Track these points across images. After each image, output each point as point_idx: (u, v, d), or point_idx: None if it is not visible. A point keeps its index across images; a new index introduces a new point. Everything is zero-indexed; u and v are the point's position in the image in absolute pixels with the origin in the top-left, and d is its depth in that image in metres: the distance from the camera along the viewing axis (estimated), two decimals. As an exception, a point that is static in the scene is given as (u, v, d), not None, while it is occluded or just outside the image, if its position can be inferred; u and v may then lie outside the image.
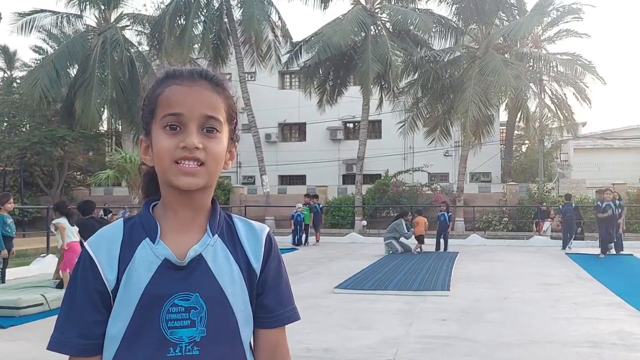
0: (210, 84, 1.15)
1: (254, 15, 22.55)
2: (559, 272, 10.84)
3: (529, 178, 29.02)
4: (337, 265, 12.21)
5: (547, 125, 25.38)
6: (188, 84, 1.13)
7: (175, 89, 1.12)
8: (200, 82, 1.14)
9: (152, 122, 1.14)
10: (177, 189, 1.12)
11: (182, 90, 1.12)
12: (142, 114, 1.18)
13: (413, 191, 24.11)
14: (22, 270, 10.96)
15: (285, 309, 1.22)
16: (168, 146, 1.10)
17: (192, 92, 1.12)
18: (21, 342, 5.62)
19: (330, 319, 6.67)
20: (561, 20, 26.91)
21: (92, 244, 1.14)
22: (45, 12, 25.20)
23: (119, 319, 1.10)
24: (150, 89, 1.17)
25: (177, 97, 1.12)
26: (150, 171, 1.21)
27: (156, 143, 1.12)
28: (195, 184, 1.10)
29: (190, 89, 1.12)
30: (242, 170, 31.65)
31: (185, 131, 1.10)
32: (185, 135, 1.10)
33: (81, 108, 22.70)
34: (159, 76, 1.17)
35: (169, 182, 1.11)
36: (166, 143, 1.10)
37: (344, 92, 25.28)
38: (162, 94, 1.13)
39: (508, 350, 5.26)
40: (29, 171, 25.75)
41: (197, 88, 1.13)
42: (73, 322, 1.10)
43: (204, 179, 1.11)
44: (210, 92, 1.14)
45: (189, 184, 1.10)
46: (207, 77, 1.15)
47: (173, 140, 1.10)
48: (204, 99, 1.12)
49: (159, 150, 1.11)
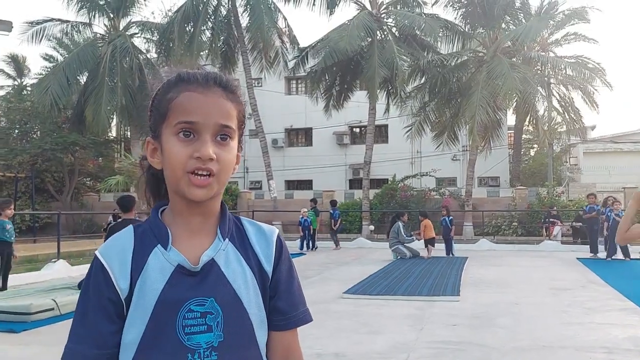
0: (224, 91, 1.14)
1: (262, 22, 22.66)
2: (571, 276, 10.77)
3: (538, 182, 28.87)
4: (345, 270, 12.19)
5: (556, 129, 25.27)
6: (203, 90, 1.11)
7: (190, 96, 1.11)
8: (214, 89, 1.13)
9: (162, 126, 1.12)
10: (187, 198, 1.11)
11: (197, 98, 1.11)
12: (151, 115, 1.16)
13: (421, 196, 24.06)
14: (33, 275, 11.04)
15: (297, 310, 1.21)
16: (182, 156, 1.08)
17: (207, 100, 1.11)
18: (33, 347, 5.66)
19: (340, 324, 6.66)
20: (568, 23, 26.84)
21: (104, 252, 1.13)
22: (55, 21, 25.39)
23: (135, 326, 1.09)
24: (162, 91, 1.14)
25: (192, 104, 1.10)
26: (155, 172, 1.20)
27: (168, 150, 1.11)
28: (205, 195, 1.10)
29: (205, 97, 1.11)
30: (250, 175, 31.76)
31: (199, 140, 1.09)
32: (200, 145, 1.08)
33: (92, 115, 22.89)
34: (171, 79, 1.15)
35: (180, 192, 1.11)
36: (180, 151, 1.09)
37: (350, 97, 25.29)
38: (177, 99, 1.11)
39: (520, 355, 5.23)
40: (40, 177, 25.93)
41: (211, 95, 1.12)
42: (87, 332, 1.09)
43: (213, 190, 1.11)
44: (225, 99, 1.13)
45: (200, 196, 1.10)
46: (221, 83, 1.14)
47: (187, 149, 1.08)
48: (219, 108, 1.11)
49: (172, 158, 1.10)
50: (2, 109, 28.50)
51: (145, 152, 1.20)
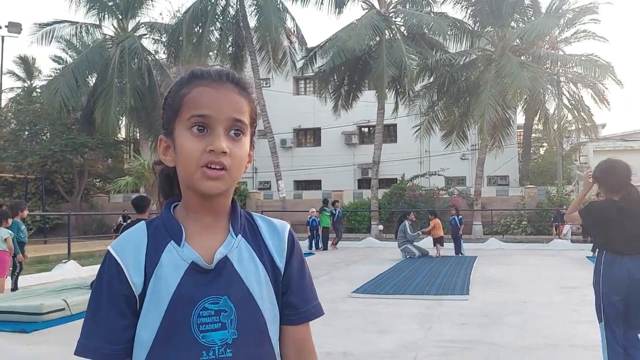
0: (236, 87, 1.14)
1: (270, 22, 22.68)
2: (580, 275, 10.69)
3: (547, 181, 28.73)
4: (354, 269, 12.19)
5: (566, 127, 25.11)
6: (215, 85, 1.12)
7: (203, 90, 1.11)
8: (227, 84, 1.13)
9: (175, 122, 1.13)
10: (199, 193, 1.11)
11: (210, 92, 1.11)
12: (164, 112, 1.17)
13: (430, 195, 24.01)
14: (44, 276, 11.11)
15: (310, 305, 1.22)
16: (195, 150, 1.08)
17: (220, 94, 1.11)
18: (44, 347, 5.70)
19: (349, 323, 6.66)
20: (578, 20, 26.65)
21: (117, 248, 1.12)
22: (65, 23, 25.61)
23: (149, 324, 1.09)
24: (175, 88, 1.15)
25: (205, 98, 1.10)
26: (167, 171, 1.20)
27: (181, 144, 1.11)
28: (218, 188, 1.10)
29: (217, 91, 1.12)
30: (258, 175, 31.81)
31: (212, 134, 1.09)
32: (213, 139, 1.09)
33: (101, 116, 23.03)
34: (184, 76, 1.15)
35: (193, 186, 1.11)
36: (193, 146, 1.09)
37: (358, 96, 25.28)
38: (189, 94, 1.11)
39: (529, 354, 5.21)
40: (50, 179, 26.12)
41: (224, 90, 1.12)
42: (99, 327, 1.09)
43: (226, 184, 1.11)
44: (237, 95, 1.13)
45: (212, 189, 1.10)
46: (233, 79, 1.15)
47: (200, 143, 1.09)
48: (231, 102, 1.12)
49: (185, 152, 1.10)
50: (12, 111, 28.76)
51: (158, 150, 1.20)
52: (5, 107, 30.15)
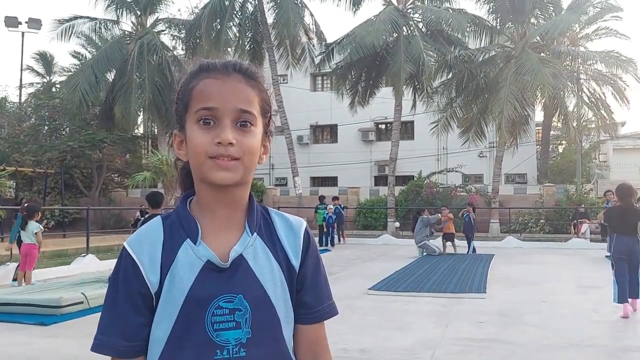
0: (244, 77, 1.13)
1: (289, 18, 22.66)
2: (600, 274, 10.52)
3: (566, 179, 28.39)
4: (370, 266, 12.17)
5: (586, 125, 24.78)
6: (222, 77, 1.11)
7: (209, 82, 1.11)
8: (234, 75, 1.12)
9: (186, 116, 1.12)
10: (212, 185, 1.10)
11: (216, 84, 1.10)
12: (176, 107, 1.16)
13: (447, 192, 23.85)
14: (63, 269, 11.26)
15: (324, 304, 1.20)
16: (203, 142, 1.08)
17: (226, 86, 1.10)
18: (63, 339, 5.77)
19: (366, 320, 6.64)
20: (600, 17, 26.24)
21: (133, 245, 1.12)
22: (84, 19, 25.83)
23: (163, 322, 1.09)
24: (184, 82, 1.15)
25: (211, 90, 1.10)
26: (187, 166, 1.19)
27: (190, 138, 1.10)
28: (230, 178, 1.08)
29: (224, 83, 1.11)
30: (275, 172, 31.85)
31: (219, 126, 1.08)
32: (220, 130, 1.08)
33: (121, 112, 23.24)
34: (193, 69, 1.15)
35: (204, 177, 1.10)
36: (201, 138, 1.08)
37: (376, 93, 25.17)
38: (196, 87, 1.11)
39: (547, 353, 5.15)
40: (69, 173, 26.40)
41: (230, 81, 1.11)
42: (116, 324, 1.09)
43: (239, 174, 1.10)
44: (245, 85, 1.12)
45: (224, 179, 1.08)
46: (240, 69, 1.13)
47: (207, 136, 1.08)
48: (238, 93, 1.11)
49: (194, 145, 1.09)
50: (32, 106, 29.11)
51: (173, 144, 1.19)
52: (25, 102, 30.53)
